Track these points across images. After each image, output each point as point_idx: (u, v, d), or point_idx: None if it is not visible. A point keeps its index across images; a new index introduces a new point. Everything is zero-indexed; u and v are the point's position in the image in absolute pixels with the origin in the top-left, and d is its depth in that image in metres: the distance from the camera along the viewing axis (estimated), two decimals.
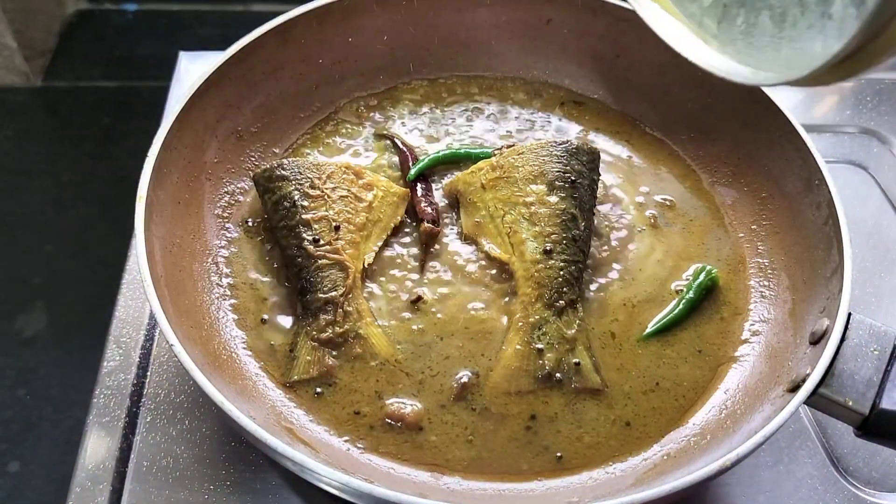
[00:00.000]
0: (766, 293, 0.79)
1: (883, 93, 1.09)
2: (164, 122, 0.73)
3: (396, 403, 0.70)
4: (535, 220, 0.77)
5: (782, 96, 0.81)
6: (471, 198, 0.82)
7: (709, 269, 0.80)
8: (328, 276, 0.74)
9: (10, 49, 1.17)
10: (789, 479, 0.74)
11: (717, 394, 0.73)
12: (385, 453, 0.67)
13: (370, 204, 0.79)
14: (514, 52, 0.96)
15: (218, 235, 0.80)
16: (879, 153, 1.02)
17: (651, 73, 0.92)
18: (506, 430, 0.69)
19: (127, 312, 0.81)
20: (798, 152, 0.78)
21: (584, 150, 0.82)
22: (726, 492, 0.73)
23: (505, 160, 0.81)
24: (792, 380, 0.66)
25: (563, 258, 0.75)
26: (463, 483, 0.66)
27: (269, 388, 0.71)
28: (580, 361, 0.72)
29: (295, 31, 0.86)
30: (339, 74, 0.93)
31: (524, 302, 0.74)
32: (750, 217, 0.85)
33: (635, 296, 0.79)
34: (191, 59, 1.06)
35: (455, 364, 0.72)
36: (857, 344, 0.64)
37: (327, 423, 0.69)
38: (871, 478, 0.75)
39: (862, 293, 0.87)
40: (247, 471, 0.71)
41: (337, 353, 0.72)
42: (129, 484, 0.69)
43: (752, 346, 0.76)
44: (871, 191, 0.99)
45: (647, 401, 0.72)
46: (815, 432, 0.77)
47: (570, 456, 0.68)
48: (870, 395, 0.62)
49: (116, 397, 0.75)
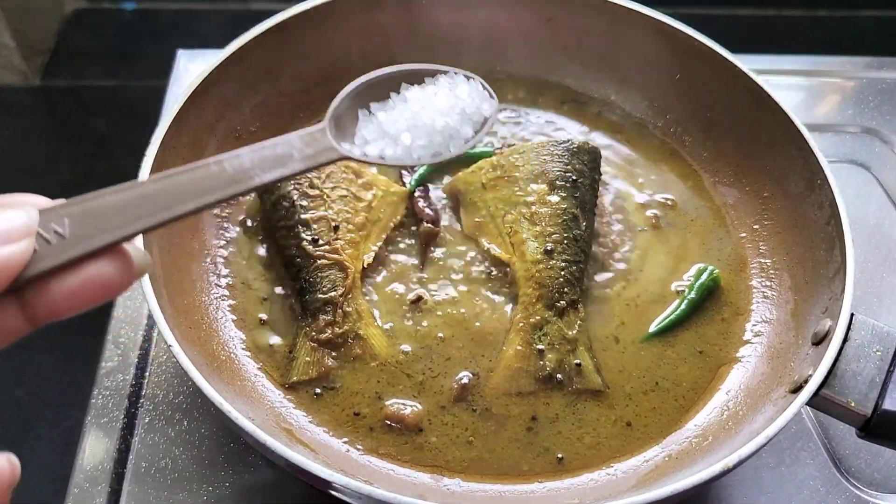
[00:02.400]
0: (768, 293, 0.79)
1: (885, 92, 1.08)
2: (163, 121, 0.73)
3: (396, 404, 0.69)
4: (536, 220, 0.77)
5: (784, 95, 0.80)
6: (471, 197, 0.81)
7: (710, 270, 0.79)
8: (327, 277, 0.73)
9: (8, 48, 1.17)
10: (791, 480, 0.73)
11: (719, 394, 0.73)
12: (385, 455, 0.67)
13: (370, 203, 0.79)
14: (514, 51, 0.96)
15: (216, 235, 0.79)
16: (881, 153, 1.02)
17: (652, 72, 0.92)
18: (506, 431, 0.69)
19: (125, 313, 0.81)
20: (800, 152, 0.78)
21: (585, 149, 0.82)
22: (728, 493, 0.73)
23: (505, 160, 0.81)
24: (794, 380, 0.66)
25: (564, 258, 0.75)
26: (463, 484, 0.66)
27: (268, 388, 0.70)
28: (581, 362, 0.71)
29: (294, 30, 0.85)
30: (338, 74, 0.92)
31: (525, 302, 0.74)
32: (752, 217, 0.84)
33: (637, 296, 0.78)
34: (189, 57, 1.06)
35: (455, 365, 0.72)
36: (859, 344, 0.64)
37: (327, 424, 0.68)
38: (873, 479, 0.74)
39: (864, 293, 0.87)
40: (246, 472, 0.70)
41: (336, 353, 0.72)
42: (127, 485, 0.69)
43: (753, 346, 0.75)
44: (874, 190, 0.98)
45: (648, 402, 0.72)
46: (818, 433, 0.76)
47: (571, 457, 0.68)
48: (872, 395, 0.62)
49: (115, 398, 0.75)
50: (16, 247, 0.29)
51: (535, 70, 0.97)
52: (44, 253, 0.31)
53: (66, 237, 0.31)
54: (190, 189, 0.37)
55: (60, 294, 0.31)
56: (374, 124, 0.49)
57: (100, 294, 0.32)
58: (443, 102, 0.50)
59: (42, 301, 0.31)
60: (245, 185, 0.39)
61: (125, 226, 0.33)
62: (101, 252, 0.32)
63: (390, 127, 0.48)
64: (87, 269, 0.31)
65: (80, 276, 0.31)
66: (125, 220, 0.33)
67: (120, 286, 0.33)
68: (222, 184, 0.38)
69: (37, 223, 0.31)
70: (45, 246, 0.31)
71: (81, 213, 0.32)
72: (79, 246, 0.31)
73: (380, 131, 0.48)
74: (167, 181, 0.37)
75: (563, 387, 0.71)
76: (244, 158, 0.40)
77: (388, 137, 0.48)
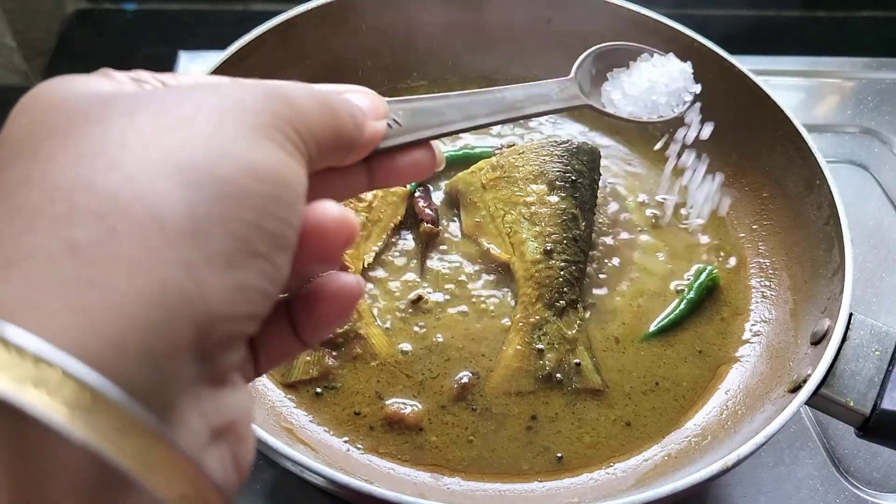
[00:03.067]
0: (766, 293, 0.79)
1: (884, 93, 1.09)
2: None
3: (396, 404, 0.70)
4: (536, 220, 0.77)
5: (783, 96, 0.81)
6: (471, 198, 0.81)
7: (709, 270, 0.79)
8: None
9: (9, 48, 1.17)
10: (790, 479, 0.74)
11: (718, 394, 0.73)
12: (385, 454, 0.67)
13: (370, 204, 0.79)
14: (514, 52, 0.96)
15: None
16: (880, 153, 1.02)
17: None
18: (506, 430, 0.69)
19: None
20: (799, 152, 0.78)
21: (584, 149, 0.82)
22: (727, 492, 0.73)
23: (505, 160, 0.81)
24: (793, 380, 0.66)
25: (563, 258, 0.75)
26: (463, 483, 0.66)
27: (268, 388, 0.70)
28: (581, 362, 0.72)
29: (295, 31, 0.86)
30: (338, 74, 0.92)
31: (524, 302, 0.74)
32: (751, 217, 0.85)
33: (636, 296, 0.78)
34: (191, 58, 1.06)
35: (455, 364, 0.72)
36: (858, 344, 0.64)
37: (327, 423, 0.69)
38: (872, 478, 0.75)
39: (863, 293, 0.87)
40: None
41: (337, 353, 0.72)
42: None
43: (752, 346, 0.76)
44: (873, 191, 0.99)
45: (647, 401, 0.72)
46: (817, 433, 0.77)
47: (571, 456, 0.68)
48: (871, 395, 0.62)
49: None
50: (381, 124, 0.37)
51: (534, 70, 0.97)
52: (388, 133, 0.38)
53: (402, 125, 0.39)
54: (482, 107, 0.45)
55: (396, 167, 0.39)
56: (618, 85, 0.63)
57: (418, 173, 0.40)
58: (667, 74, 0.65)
59: (384, 170, 0.39)
60: (519, 112, 0.48)
61: (440, 126, 0.42)
62: (423, 142, 0.40)
63: (631, 88, 0.63)
64: (414, 153, 0.39)
65: (410, 157, 0.39)
66: (441, 121, 0.42)
67: (430, 171, 0.41)
68: (504, 108, 0.47)
69: (388, 110, 0.39)
70: (388, 129, 0.38)
71: (411, 109, 0.40)
72: (411, 134, 0.39)
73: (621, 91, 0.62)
74: (468, 98, 0.45)
75: (562, 386, 0.71)
76: (519, 92, 0.48)
77: (627, 97, 0.62)
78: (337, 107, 0.34)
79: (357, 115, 0.35)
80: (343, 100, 0.35)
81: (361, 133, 0.35)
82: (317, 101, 0.32)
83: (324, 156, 0.33)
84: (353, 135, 0.35)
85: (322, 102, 0.32)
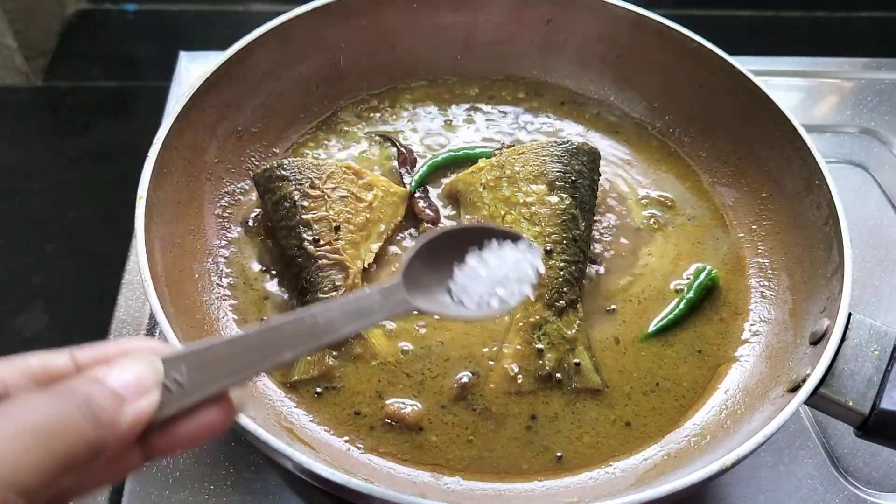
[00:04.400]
0: (766, 293, 0.79)
1: (883, 93, 1.09)
2: (165, 122, 0.73)
3: (397, 403, 0.70)
4: (536, 221, 0.77)
5: (782, 96, 0.81)
6: (471, 198, 0.82)
7: (709, 270, 0.80)
8: (328, 277, 0.74)
9: (9, 49, 1.17)
10: (789, 479, 0.74)
11: (718, 394, 0.73)
12: (385, 453, 0.67)
13: (370, 204, 0.79)
14: (514, 53, 0.96)
15: (218, 235, 0.80)
16: (879, 153, 1.02)
17: (651, 73, 0.92)
18: (506, 430, 0.69)
19: (127, 312, 0.81)
20: (798, 152, 0.78)
21: (584, 150, 0.82)
22: (727, 492, 0.73)
23: (505, 160, 0.81)
24: (792, 380, 0.66)
25: (563, 258, 0.75)
26: (463, 483, 0.66)
27: (269, 388, 0.71)
28: (580, 361, 0.72)
29: (295, 31, 0.86)
30: (339, 74, 0.92)
31: (524, 302, 0.74)
32: (750, 217, 0.85)
33: (636, 296, 0.79)
34: (191, 58, 1.06)
35: (455, 364, 0.72)
36: (857, 344, 0.64)
37: (327, 423, 0.69)
38: (871, 478, 0.75)
39: (862, 293, 0.87)
40: (247, 471, 0.71)
41: (337, 353, 0.72)
42: (129, 484, 0.69)
43: (752, 346, 0.76)
44: (871, 191, 0.99)
45: (647, 401, 0.72)
46: (816, 432, 0.77)
47: (571, 456, 0.68)
48: (870, 395, 0.62)
49: None
50: (148, 399, 0.32)
51: (534, 71, 0.98)
52: (166, 400, 0.33)
53: (185, 386, 0.34)
54: (287, 340, 0.40)
55: (178, 438, 0.34)
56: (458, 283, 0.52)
57: (208, 436, 0.34)
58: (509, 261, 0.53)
59: (162, 443, 0.34)
60: (333, 335, 0.43)
61: (234, 374, 0.36)
62: (213, 398, 0.35)
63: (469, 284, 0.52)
64: (201, 415, 0.34)
65: (197, 421, 0.34)
66: (234, 369, 0.37)
67: (224, 428, 0.35)
68: (315, 335, 0.42)
69: (163, 374, 0.33)
70: (166, 394, 0.33)
71: (197, 362, 0.35)
72: (196, 394, 0.34)
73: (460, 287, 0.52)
74: (268, 332, 0.40)
75: (562, 386, 0.71)
76: (333, 311, 0.43)
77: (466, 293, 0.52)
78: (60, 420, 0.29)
79: (104, 410, 0.30)
80: (83, 395, 0.30)
81: (116, 426, 0.31)
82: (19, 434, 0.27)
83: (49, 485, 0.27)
84: (94, 439, 0.29)
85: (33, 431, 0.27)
